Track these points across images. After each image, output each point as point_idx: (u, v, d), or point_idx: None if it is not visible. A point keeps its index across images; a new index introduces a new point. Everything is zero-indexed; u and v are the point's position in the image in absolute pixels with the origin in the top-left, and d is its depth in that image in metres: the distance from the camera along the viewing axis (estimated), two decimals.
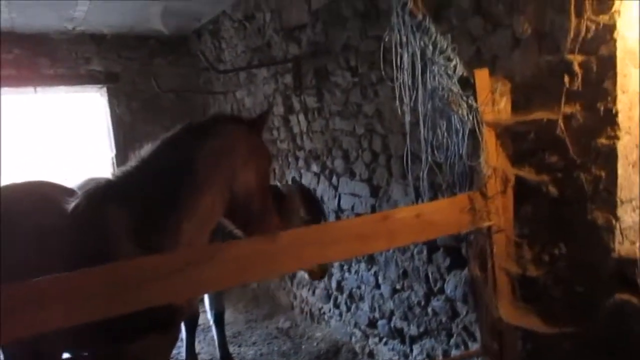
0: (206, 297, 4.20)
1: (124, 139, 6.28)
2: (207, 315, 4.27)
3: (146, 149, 2.40)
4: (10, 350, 2.30)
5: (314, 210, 3.71)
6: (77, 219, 2.25)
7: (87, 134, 6.86)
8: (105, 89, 6.36)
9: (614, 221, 2.07)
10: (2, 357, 2.33)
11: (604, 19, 2.00)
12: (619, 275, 2.07)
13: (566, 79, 2.15)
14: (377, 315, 3.92)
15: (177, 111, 6.43)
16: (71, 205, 2.28)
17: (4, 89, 5.72)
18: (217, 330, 4.19)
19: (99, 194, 2.32)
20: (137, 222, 2.23)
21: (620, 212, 2.06)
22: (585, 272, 2.20)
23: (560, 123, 2.18)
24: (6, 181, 2.60)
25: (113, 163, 6.35)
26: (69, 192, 2.48)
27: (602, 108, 2.04)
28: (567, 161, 2.20)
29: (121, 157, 6.07)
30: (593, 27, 2.04)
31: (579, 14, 2.07)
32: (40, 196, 2.43)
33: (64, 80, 6.10)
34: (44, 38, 5.89)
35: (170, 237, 2.26)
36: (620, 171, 2.04)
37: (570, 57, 2.13)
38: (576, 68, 2.11)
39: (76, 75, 6.15)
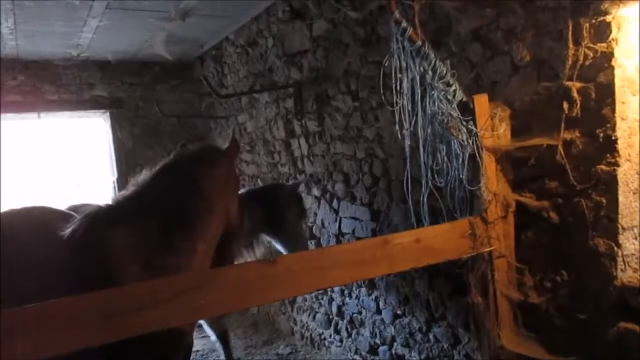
0: (203, 322, 4.13)
1: (126, 163, 6.32)
2: (210, 340, 4.21)
3: (145, 175, 2.43)
4: None
5: (304, 209, 3.81)
6: (77, 243, 2.24)
7: (89, 158, 6.90)
8: (108, 114, 6.41)
9: (615, 248, 2.06)
10: None
11: (601, 46, 2.02)
12: (622, 304, 2.04)
13: (565, 105, 2.16)
14: (378, 341, 3.87)
15: (179, 136, 6.45)
16: (69, 229, 2.26)
17: (9, 115, 5.77)
18: (226, 352, 4.10)
19: (102, 218, 2.31)
20: (147, 246, 2.23)
21: (621, 239, 2.05)
22: (587, 299, 2.18)
23: (560, 149, 2.19)
24: (7, 206, 2.58)
25: (114, 187, 6.36)
26: (69, 217, 2.47)
27: (601, 135, 2.05)
28: (568, 187, 2.20)
29: (123, 181, 6.08)
30: (591, 54, 2.06)
31: (577, 42, 2.10)
32: (40, 222, 2.42)
33: (68, 106, 6.15)
34: (49, 64, 5.97)
35: (186, 258, 2.30)
36: (621, 198, 2.04)
37: (568, 84, 2.14)
38: (575, 95, 2.13)
39: (80, 101, 6.21)
